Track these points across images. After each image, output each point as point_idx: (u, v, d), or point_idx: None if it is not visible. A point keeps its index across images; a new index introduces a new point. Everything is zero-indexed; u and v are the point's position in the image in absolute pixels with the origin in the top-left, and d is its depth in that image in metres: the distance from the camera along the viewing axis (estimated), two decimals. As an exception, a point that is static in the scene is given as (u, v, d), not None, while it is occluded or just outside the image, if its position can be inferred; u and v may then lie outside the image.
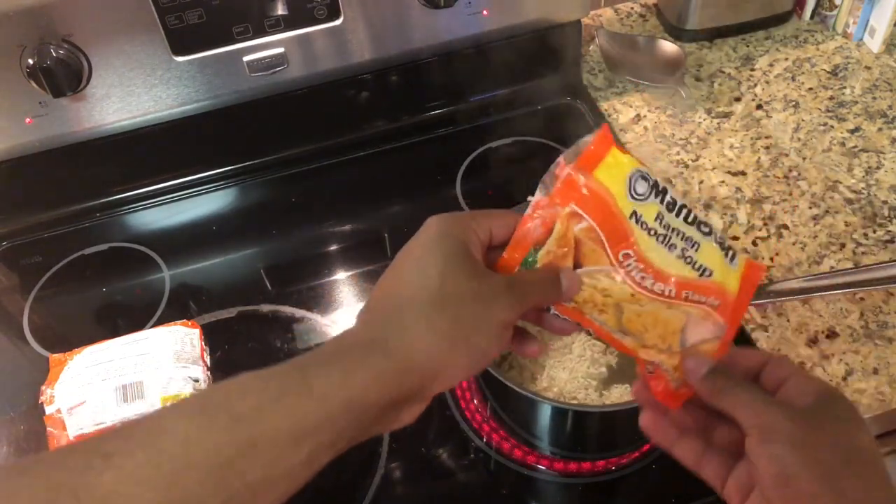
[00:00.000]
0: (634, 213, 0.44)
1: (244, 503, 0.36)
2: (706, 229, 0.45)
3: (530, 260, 0.44)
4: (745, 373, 0.45)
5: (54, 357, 0.72)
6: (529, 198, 0.46)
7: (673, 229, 0.44)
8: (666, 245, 0.44)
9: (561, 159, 0.45)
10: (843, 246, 0.83)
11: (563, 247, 0.44)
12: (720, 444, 0.46)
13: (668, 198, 0.44)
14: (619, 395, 0.66)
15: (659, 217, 0.44)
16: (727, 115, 0.98)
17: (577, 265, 0.44)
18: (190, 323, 0.75)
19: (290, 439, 0.37)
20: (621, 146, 0.45)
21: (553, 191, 0.44)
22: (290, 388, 0.37)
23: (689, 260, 0.44)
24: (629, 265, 0.43)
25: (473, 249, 0.43)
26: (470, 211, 0.46)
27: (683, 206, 0.45)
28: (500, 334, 0.42)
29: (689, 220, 0.45)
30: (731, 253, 0.46)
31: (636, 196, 0.44)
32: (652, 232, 0.44)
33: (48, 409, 0.68)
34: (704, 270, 0.44)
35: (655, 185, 0.44)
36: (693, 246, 0.44)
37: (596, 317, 0.45)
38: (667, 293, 0.44)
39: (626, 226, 0.43)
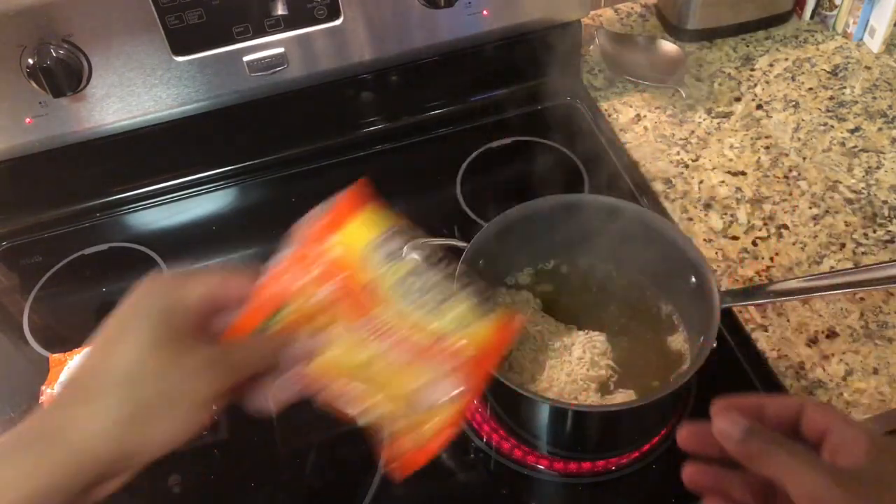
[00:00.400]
0: (382, 273, 0.44)
1: None
2: (463, 283, 0.45)
3: (272, 322, 0.43)
4: (782, 424, 0.42)
5: (54, 357, 0.72)
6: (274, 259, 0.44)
7: (425, 287, 0.44)
8: (414, 303, 0.44)
9: (312, 214, 0.44)
10: (843, 246, 0.83)
11: (307, 309, 0.44)
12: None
13: (425, 254, 0.46)
14: (620, 397, 0.66)
15: (410, 274, 0.45)
16: (727, 115, 0.98)
17: (322, 327, 0.43)
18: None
19: None
20: (379, 202, 0.44)
21: (298, 250, 0.44)
22: None
23: (438, 316, 0.43)
24: (374, 326, 0.43)
25: (183, 319, 0.42)
26: (190, 273, 0.45)
27: (442, 259, 0.45)
28: (198, 412, 0.41)
29: (445, 276, 0.45)
30: (487, 307, 0.44)
31: (386, 256, 0.45)
32: (400, 290, 0.44)
33: (48, 409, 0.68)
34: (456, 326, 0.43)
35: (413, 241, 0.45)
36: (444, 301, 0.43)
37: (336, 381, 0.43)
38: (411, 350, 0.42)
39: (372, 286, 0.44)
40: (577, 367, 0.67)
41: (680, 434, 0.45)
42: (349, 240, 0.44)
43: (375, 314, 0.43)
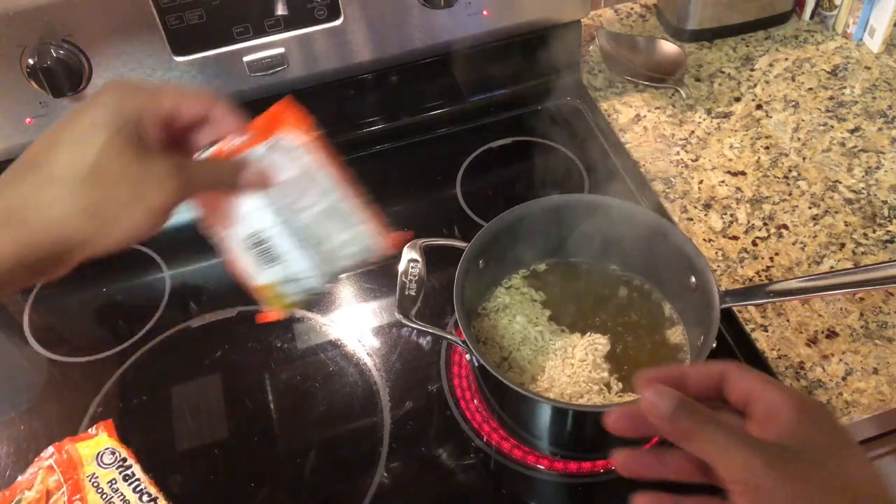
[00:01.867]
0: (94, 474, 0.66)
1: None
2: (148, 499, 0.65)
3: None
4: (708, 391, 0.41)
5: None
6: None
7: (120, 493, 0.65)
8: (107, 501, 0.64)
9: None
10: (843, 246, 0.83)
11: (39, 493, 0.65)
12: (683, 475, 0.43)
13: (127, 472, 0.67)
14: (621, 397, 0.66)
15: (112, 482, 0.66)
16: (727, 115, 0.99)
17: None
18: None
19: None
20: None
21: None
22: None
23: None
24: None
25: (146, 127, 0.43)
26: (154, 84, 0.48)
27: (137, 480, 0.66)
28: (152, 217, 0.43)
29: (136, 489, 0.65)
30: None
31: (100, 464, 0.67)
32: (100, 490, 0.65)
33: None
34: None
35: (123, 460, 0.67)
36: None
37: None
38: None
39: (83, 482, 0.66)
40: (579, 369, 0.67)
41: (608, 418, 0.44)
42: (81, 449, 0.69)
43: (80, 500, 0.65)
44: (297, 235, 0.52)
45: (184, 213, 0.99)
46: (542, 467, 0.68)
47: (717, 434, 0.37)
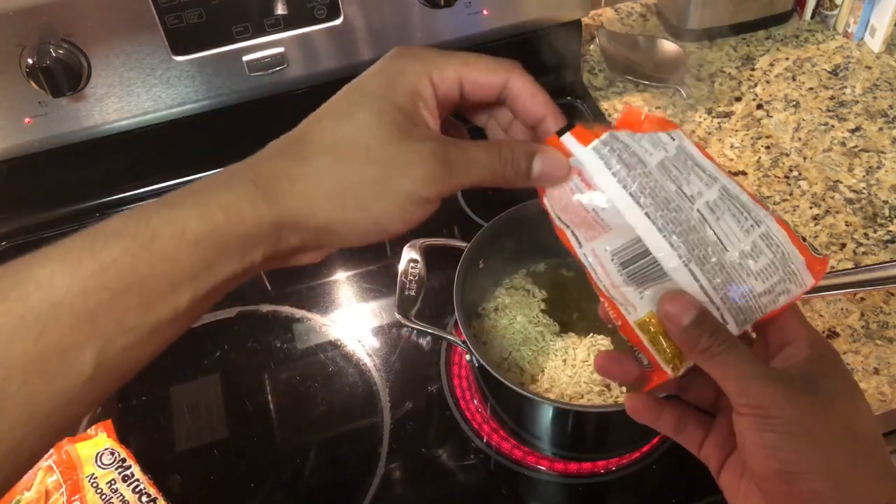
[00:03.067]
0: (93, 474, 0.66)
1: (123, 349, 0.34)
2: (147, 499, 0.65)
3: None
4: None
5: None
6: None
7: (119, 493, 0.65)
8: (106, 501, 0.65)
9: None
10: (843, 246, 0.83)
11: (38, 493, 0.65)
12: (695, 400, 0.42)
13: (126, 472, 0.67)
14: (621, 398, 0.66)
15: (111, 482, 0.66)
16: (727, 115, 0.98)
17: None
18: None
19: (168, 285, 0.34)
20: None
21: None
22: (164, 228, 0.34)
23: None
24: None
25: (420, 102, 0.38)
26: (446, 52, 0.40)
27: (136, 480, 0.66)
28: (409, 206, 0.37)
29: (135, 490, 0.65)
30: None
31: (99, 464, 0.67)
32: (99, 491, 0.65)
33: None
34: None
35: (122, 461, 0.67)
36: None
37: None
38: None
39: (82, 483, 0.66)
40: (580, 370, 0.67)
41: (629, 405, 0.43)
42: (80, 449, 0.68)
43: (80, 499, 0.67)
44: (684, 239, 0.38)
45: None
46: (542, 468, 0.68)
47: (736, 357, 0.36)
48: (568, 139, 0.39)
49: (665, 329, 0.38)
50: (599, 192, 0.39)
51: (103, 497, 0.65)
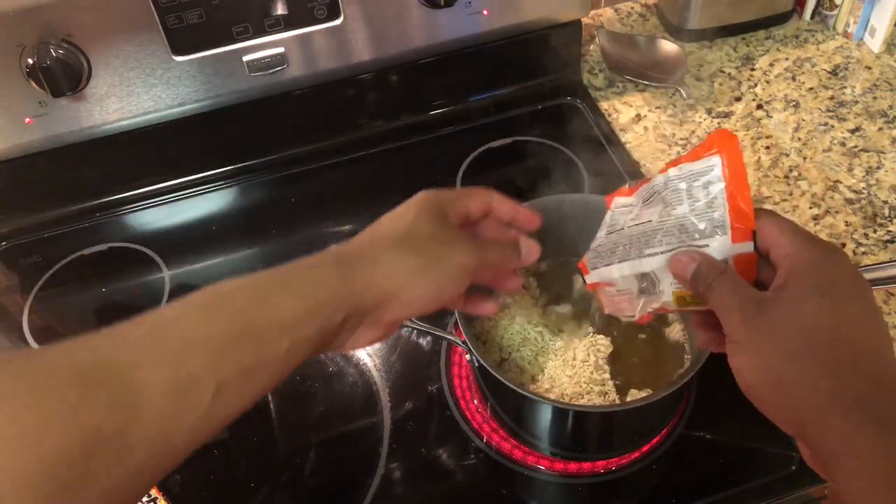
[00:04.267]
0: None
1: (233, 388, 0.40)
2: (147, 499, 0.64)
3: None
4: None
5: None
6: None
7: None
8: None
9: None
10: (843, 246, 0.83)
11: None
12: None
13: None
14: (621, 398, 0.66)
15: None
16: (727, 115, 0.98)
17: None
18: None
19: (274, 332, 0.42)
20: None
21: None
22: (275, 287, 0.44)
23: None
24: None
25: (450, 213, 0.52)
26: (455, 190, 0.57)
27: None
28: (459, 274, 0.49)
29: None
30: None
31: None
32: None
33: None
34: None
35: None
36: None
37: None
38: None
39: None
40: (580, 370, 0.67)
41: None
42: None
43: None
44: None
45: (183, 213, 1.00)
46: (542, 468, 0.68)
47: (729, 294, 0.43)
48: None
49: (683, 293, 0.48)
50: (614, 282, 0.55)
51: None
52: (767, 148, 0.94)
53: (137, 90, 0.84)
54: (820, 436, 0.39)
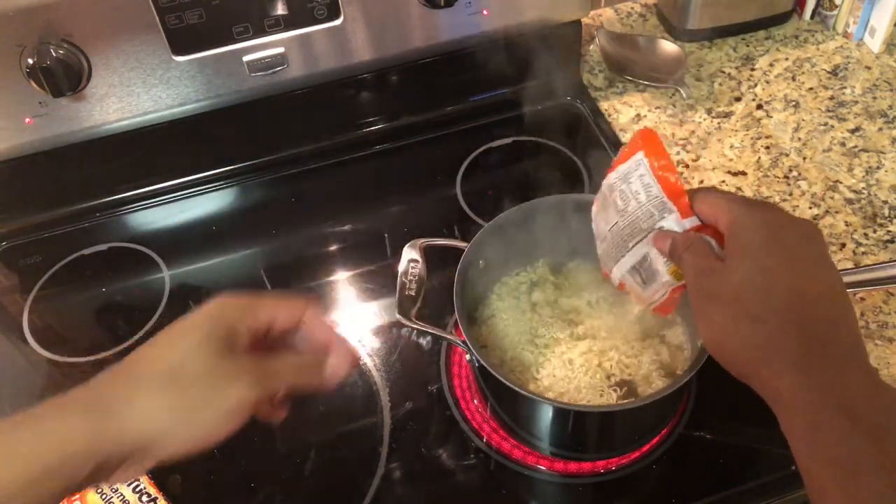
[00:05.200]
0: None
1: None
2: (147, 499, 0.64)
3: None
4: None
5: None
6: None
7: (119, 493, 0.64)
8: (106, 501, 0.64)
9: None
10: (843, 246, 0.83)
11: None
12: None
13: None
14: (622, 397, 0.66)
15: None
16: (727, 115, 0.98)
17: None
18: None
19: (10, 490, 0.39)
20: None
21: None
22: (16, 441, 0.41)
23: None
24: None
25: (238, 334, 0.46)
26: (258, 297, 0.50)
27: (136, 480, 0.65)
28: (231, 417, 0.44)
29: (135, 489, 0.64)
30: None
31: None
32: (99, 490, 0.64)
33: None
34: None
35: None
36: None
37: None
38: None
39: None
40: (580, 370, 0.67)
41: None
42: None
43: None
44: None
45: (183, 213, 1.00)
46: (542, 468, 0.68)
47: (687, 261, 0.49)
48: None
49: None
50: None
51: (103, 497, 0.65)
52: (767, 148, 0.94)
53: (137, 90, 0.84)
54: (759, 387, 0.44)
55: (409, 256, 0.69)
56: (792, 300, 0.43)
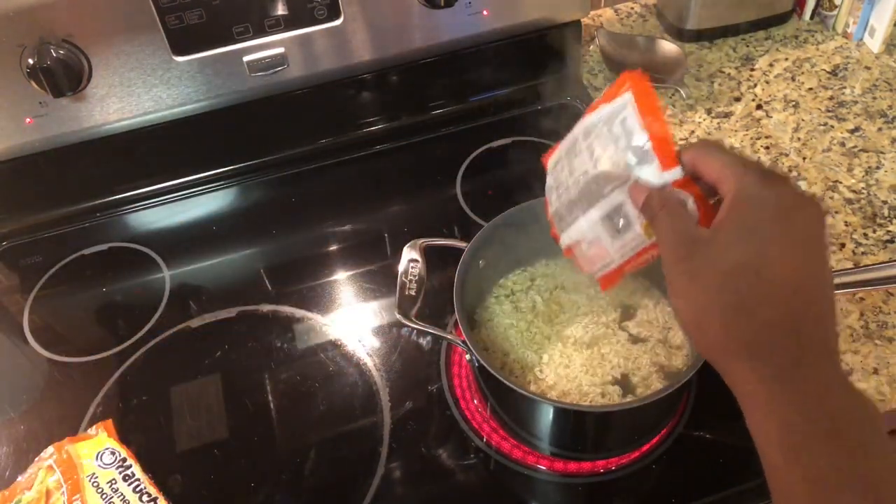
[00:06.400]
0: (93, 474, 0.66)
1: None
2: (148, 499, 0.65)
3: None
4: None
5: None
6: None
7: (120, 493, 0.65)
8: (107, 501, 0.65)
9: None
10: (843, 246, 0.83)
11: (39, 493, 0.65)
12: None
13: (127, 472, 0.67)
14: (622, 397, 0.66)
15: (111, 482, 0.66)
16: (727, 115, 0.99)
17: None
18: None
19: None
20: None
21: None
22: None
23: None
24: None
25: None
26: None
27: (136, 480, 0.66)
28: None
29: (136, 489, 0.66)
30: None
31: (100, 464, 0.67)
32: (100, 490, 0.65)
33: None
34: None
35: (123, 460, 0.68)
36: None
37: None
38: None
39: (83, 482, 0.66)
40: (580, 371, 0.67)
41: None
42: (80, 449, 0.69)
43: (81, 499, 0.65)
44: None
45: (183, 213, 1.00)
46: (542, 467, 0.68)
47: (663, 223, 0.44)
48: None
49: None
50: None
51: (104, 496, 0.65)
52: (767, 148, 0.94)
53: (138, 90, 0.84)
54: (730, 379, 0.41)
55: (409, 256, 0.69)
56: (787, 295, 0.40)
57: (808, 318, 0.40)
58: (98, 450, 0.68)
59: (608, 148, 0.49)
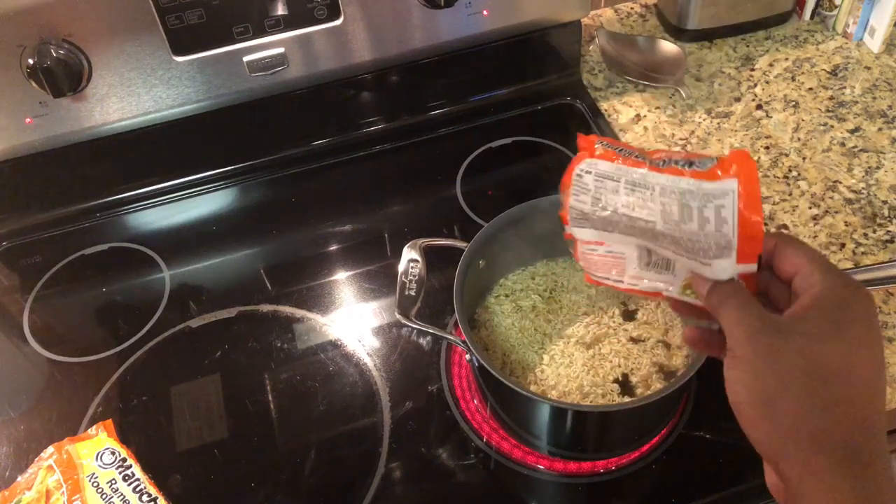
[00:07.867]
0: (93, 474, 0.66)
1: None
2: (148, 499, 0.65)
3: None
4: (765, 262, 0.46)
5: None
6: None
7: (120, 493, 0.65)
8: (106, 501, 0.65)
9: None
10: (843, 246, 0.83)
11: (39, 493, 0.65)
12: None
13: (127, 472, 0.67)
14: (622, 397, 0.66)
15: (111, 482, 0.66)
16: (727, 115, 0.99)
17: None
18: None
19: None
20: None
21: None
22: None
23: None
24: None
25: None
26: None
27: (136, 480, 0.66)
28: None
29: (136, 489, 0.66)
30: None
31: (100, 464, 0.67)
32: (100, 490, 0.65)
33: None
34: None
35: (123, 460, 0.68)
36: None
37: None
38: None
39: (83, 482, 0.66)
40: (580, 370, 0.67)
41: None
42: (80, 450, 0.69)
43: (81, 499, 0.66)
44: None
45: (183, 213, 1.00)
46: (541, 467, 0.68)
47: (730, 306, 0.43)
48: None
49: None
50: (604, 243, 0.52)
51: (104, 496, 0.65)
52: (767, 148, 0.94)
53: (138, 90, 0.84)
54: (796, 469, 0.39)
55: (409, 256, 0.69)
56: (870, 396, 0.40)
57: (881, 419, 0.40)
58: (98, 450, 0.69)
59: (689, 223, 0.46)
